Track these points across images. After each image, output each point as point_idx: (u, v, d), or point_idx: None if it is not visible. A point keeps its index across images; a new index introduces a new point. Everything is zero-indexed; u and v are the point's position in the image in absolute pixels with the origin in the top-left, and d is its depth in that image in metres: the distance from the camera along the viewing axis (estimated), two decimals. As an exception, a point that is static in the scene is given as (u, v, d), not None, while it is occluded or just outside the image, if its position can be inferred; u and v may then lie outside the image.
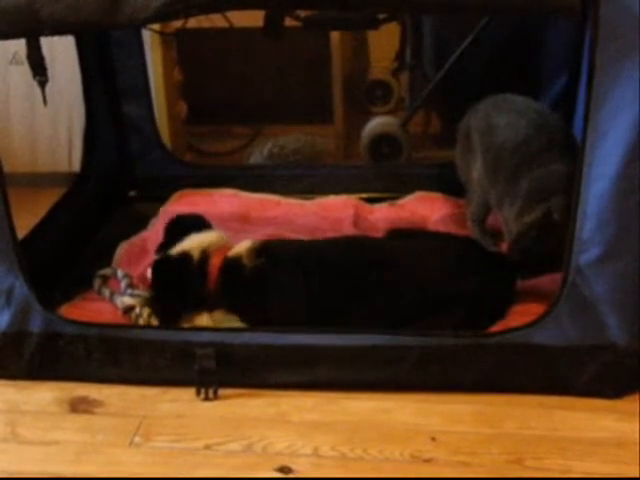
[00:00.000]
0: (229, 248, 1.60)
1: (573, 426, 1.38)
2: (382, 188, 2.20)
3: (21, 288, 1.49)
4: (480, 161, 1.82)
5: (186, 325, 1.56)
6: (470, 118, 1.90)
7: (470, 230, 1.90)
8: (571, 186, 1.37)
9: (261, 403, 1.47)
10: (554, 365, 1.42)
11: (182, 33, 2.40)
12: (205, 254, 1.56)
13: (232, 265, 1.56)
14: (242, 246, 1.60)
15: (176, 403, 1.48)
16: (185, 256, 1.56)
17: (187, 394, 1.48)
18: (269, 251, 1.58)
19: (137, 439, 1.40)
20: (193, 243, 1.58)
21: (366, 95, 2.79)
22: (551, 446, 1.34)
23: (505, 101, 1.87)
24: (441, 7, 1.33)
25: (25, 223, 1.71)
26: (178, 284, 1.56)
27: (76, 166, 2.27)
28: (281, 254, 1.60)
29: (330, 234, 1.83)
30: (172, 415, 1.45)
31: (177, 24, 2.38)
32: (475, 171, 1.85)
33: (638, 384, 1.44)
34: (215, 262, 1.56)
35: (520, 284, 1.63)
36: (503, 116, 1.80)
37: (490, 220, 1.89)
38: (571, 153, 1.60)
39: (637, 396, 1.43)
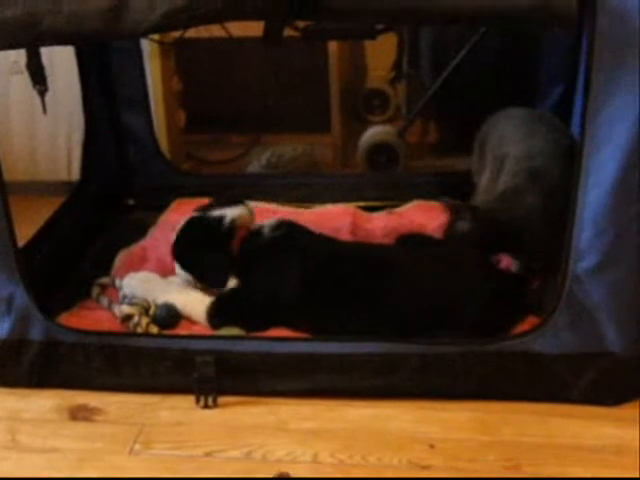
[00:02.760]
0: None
1: (571, 433, 1.39)
2: (379, 197, 2.20)
3: (21, 296, 1.50)
4: (488, 169, 1.84)
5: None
6: (485, 128, 1.94)
7: None
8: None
9: (260, 411, 1.47)
10: (552, 373, 1.43)
11: (181, 42, 2.41)
12: (233, 223, 1.68)
13: (253, 235, 1.71)
14: (267, 221, 1.74)
15: (175, 411, 1.48)
16: (219, 219, 1.69)
17: (186, 402, 1.49)
18: (288, 228, 1.71)
19: (137, 446, 1.40)
20: (226, 212, 1.70)
21: (363, 104, 2.79)
22: (549, 453, 1.35)
23: (517, 113, 1.89)
24: (438, 19, 1.34)
25: (25, 231, 1.71)
26: (207, 240, 1.68)
27: (75, 175, 2.28)
28: (298, 234, 1.71)
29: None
30: (172, 423, 1.46)
31: (176, 34, 2.38)
32: (483, 178, 1.87)
33: (636, 391, 1.45)
34: (239, 234, 1.69)
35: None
36: (512, 127, 1.83)
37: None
38: (566, 161, 1.63)
39: (635, 403, 1.44)
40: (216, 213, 1.71)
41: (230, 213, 1.70)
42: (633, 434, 1.37)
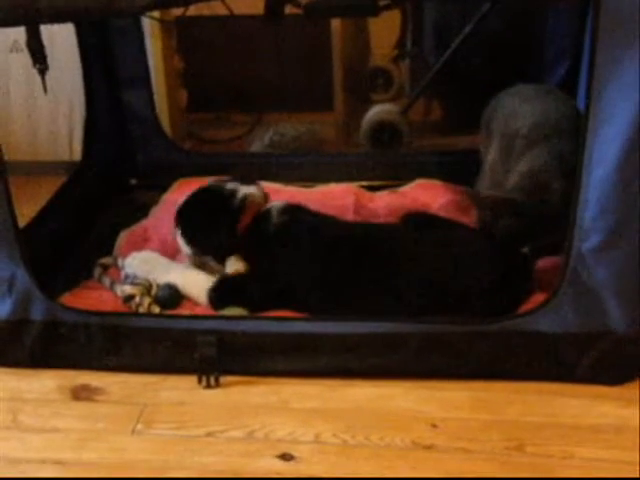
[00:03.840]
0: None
1: (573, 412, 1.39)
2: (383, 176, 2.19)
3: (22, 276, 1.49)
4: (495, 146, 1.83)
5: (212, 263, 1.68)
6: (492, 105, 1.92)
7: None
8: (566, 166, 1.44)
9: (262, 391, 1.47)
10: (555, 352, 1.43)
11: (182, 20, 2.40)
12: (246, 199, 1.67)
13: (262, 217, 1.68)
14: (275, 203, 1.72)
15: (177, 391, 1.48)
16: (231, 192, 1.68)
17: (188, 382, 1.49)
18: (295, 212, 1.70)
19: (139, 426, 1.40)
20: (239, 189, 1.69)
21: (367, 83, 2.78)
22: (551, 432, 1.34)
23: (525, 89, 1.87)
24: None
25: (26, 212, 1.71)
26: (216, 209, 1.67)
27: (77, 154, 2.27)
28: (304, 219, 1.70)
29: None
30: (173, 403, 1.46)
31: (177, 11, 2.37)
32: (489, 156, 1.85)
33: (638, 371, 1.44)
34: (250, 212, 1.67)
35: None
36: (520, 103, 1.81)
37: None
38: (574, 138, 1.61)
39: (637, 383, 1.43)
40: (230, 186, 1.69)
41: (243, 190, 1.68)
42: (635, 413, 1.37)
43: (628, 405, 1.39)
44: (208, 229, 1.67)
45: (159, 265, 1.73)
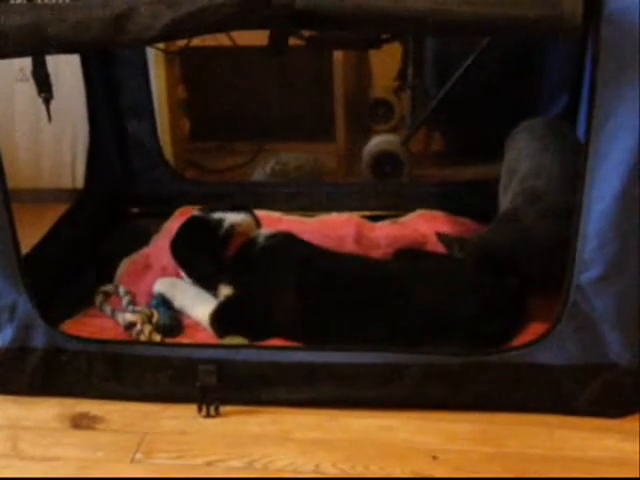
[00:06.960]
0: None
1: (575, 445, 1.38)
2: (384, 206, 2.20)
3: (24, 304, 1.50)
4: (503, 181, 1.85)
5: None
6: (509, 139, 1.94)
7: None
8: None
9: (263, 420, 1.47)
10: (556, 384, 1.42)
11: (186, 51, 2.42)
12: (232, 228, 1.69)
13: (249, 243, 1.70)
14: (264, 230, 1.76)
15: (177, 420, 1.48)
16: (218, 221, 1.70)
17: (189, 411, 1.48)
18: (282, 239, 1.71)
19: (138, 455, 1.40)
20: (227, 217, 1.72)
21: (368, 113, 2.80)
22: (552, 465, 1.34)
23: (535, 127, 1.89)
24: (440, 29, 1.33)
25: (28, 239, 1.71)
26: (202, 240, 1.70)
27: (79, 182, 2.28)
28: (291, 246, 1.71)
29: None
30: (174, 432, 1.45)
31: (181, 42, 2.39)
32: (501, 181, 1.87)
33: None
34: (237, 240, 1.69)
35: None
36: (527, 142, 1.83)
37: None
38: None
39: (639, 416, 1.43)
40: (217, 215, 1.72)
41: (230, 218, 1.71)
42: (636, 447, 1.36)
43: (629, 438, 1.38)
44: (195, 259, 1.71)
45: (180, 288, 1.75)
